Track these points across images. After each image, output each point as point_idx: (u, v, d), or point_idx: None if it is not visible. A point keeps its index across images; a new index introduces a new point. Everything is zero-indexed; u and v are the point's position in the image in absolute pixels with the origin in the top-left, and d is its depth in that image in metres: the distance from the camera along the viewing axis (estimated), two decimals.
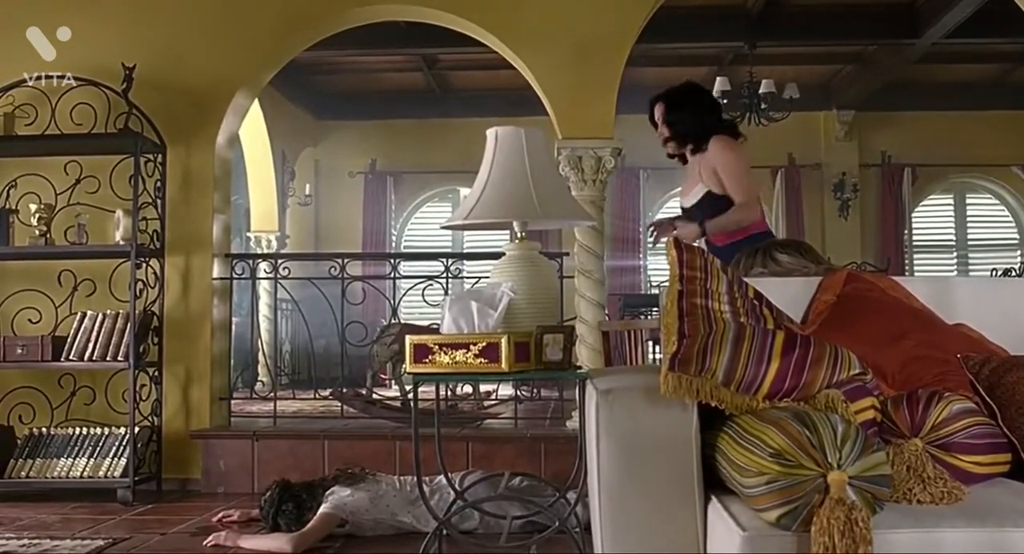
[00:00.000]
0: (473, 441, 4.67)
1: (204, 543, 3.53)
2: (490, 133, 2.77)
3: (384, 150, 11.22)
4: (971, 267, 11.17)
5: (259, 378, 8.28)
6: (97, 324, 4.70)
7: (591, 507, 2.10)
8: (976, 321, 2.42)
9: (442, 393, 3.66)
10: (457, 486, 3.46)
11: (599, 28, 5.21)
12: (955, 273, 11.03)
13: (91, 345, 4.66)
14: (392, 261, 5.42)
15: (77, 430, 4.63)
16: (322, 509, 3.56)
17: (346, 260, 5.15)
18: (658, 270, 10.90)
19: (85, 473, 4.50)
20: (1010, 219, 11.28)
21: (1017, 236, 11.25)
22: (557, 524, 2.64)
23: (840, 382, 1.95)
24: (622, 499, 1.92)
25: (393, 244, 11.34)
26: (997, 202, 11.32)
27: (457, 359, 2.38)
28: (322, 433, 4.80)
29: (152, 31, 5.14)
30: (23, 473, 4.51)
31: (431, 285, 5.10)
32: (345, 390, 5.54)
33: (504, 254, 2.76)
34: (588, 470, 2.11)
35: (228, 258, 5.20)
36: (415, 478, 3.51)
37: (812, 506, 1.60)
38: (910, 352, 2.25)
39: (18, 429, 4.74)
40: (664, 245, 2.26)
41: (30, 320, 4.89)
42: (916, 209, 11.19)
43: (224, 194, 5.25)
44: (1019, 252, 11.15)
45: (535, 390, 5.81)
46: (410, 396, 2.92)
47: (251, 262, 5.37)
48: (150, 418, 4.80)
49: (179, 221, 5.00)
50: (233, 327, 5.40)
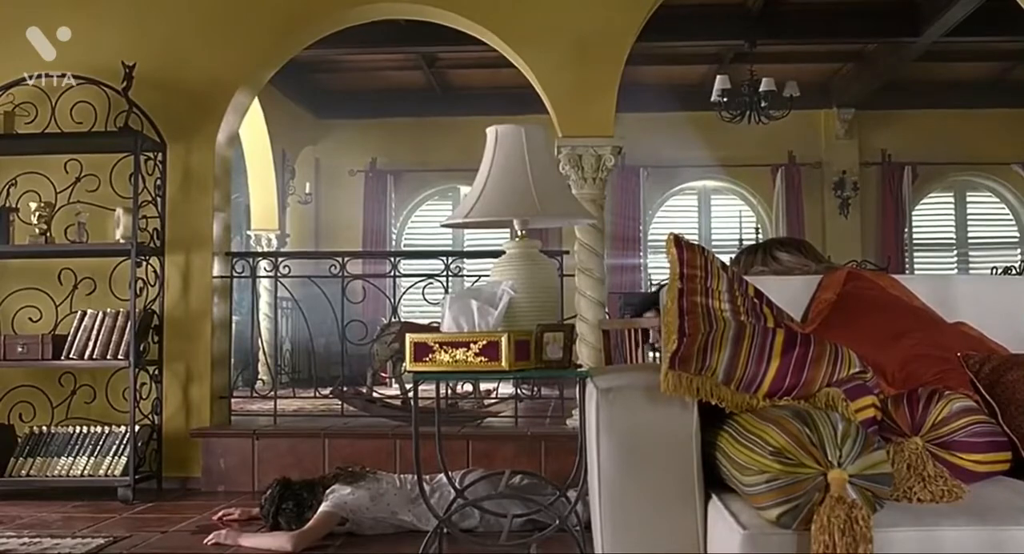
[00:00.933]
0: (474, 439, 4.67)
1: (204, 541, 3.53)
2: (490, 131, 2.76)
3: (384, 148, 11.20)
4: (971, 265, 11.15)
5: (260, 377, 8.28)
6: (97, 323, 4.70)
7: (591, 505, 2.10)
8: (976, 319, 2.41)
9: (442, 392, 3.65)
10: (458, 484, 3.47)
11: (599, 26, 5.21)
12: (955, 271, 11.02)
13: (91, 344, 4.66)
14: (392, 259, 5.42)
15: (77, 429, 4.63)
16: (322, 507, 3.56)
17: (346, 258, 5.15)
18: (658, 269, 10.89)
19: (85, 472, 4.50)
20: (1010, 217, 11.27)
21: (1017, 234, 11.23)
22: (557, 523, 2.63)
23: (840, 380, 1.95)
24: (622, 497, 1.92)
25: (393, 242, 11.32)
26: (997, 200, 11.31)
27: (457, 357, 2.37)
28: (322, 431, 4.80)
29: (152, 30, 5.14)
30: (24, 472, 4.52)
31: (431, 283, 5.11)
32: (346, 389, 5.54)
33: (504, 252, 2.76)
34: (588, 468, 2.11)
35: (228, 256, 5.20)
36: (416, 477, 3.53)
37: (812, 504, 1.60)
38: (910, 351, 2.25)
39: (19, 427, 4.75)
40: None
41: (30, 319, 4.90)
42: (916, 207, 11.17)
43: (224, 192, 5.25)
44: (1019, 250, 11.13)
45: (535, 388, 5.80)
46: (411, 395, 2.90)
47: (251, 260, 5.37)
48: (150, 417, 4.80)
49: (179, 219, 5.00)
50: (233, 326, 5.40)
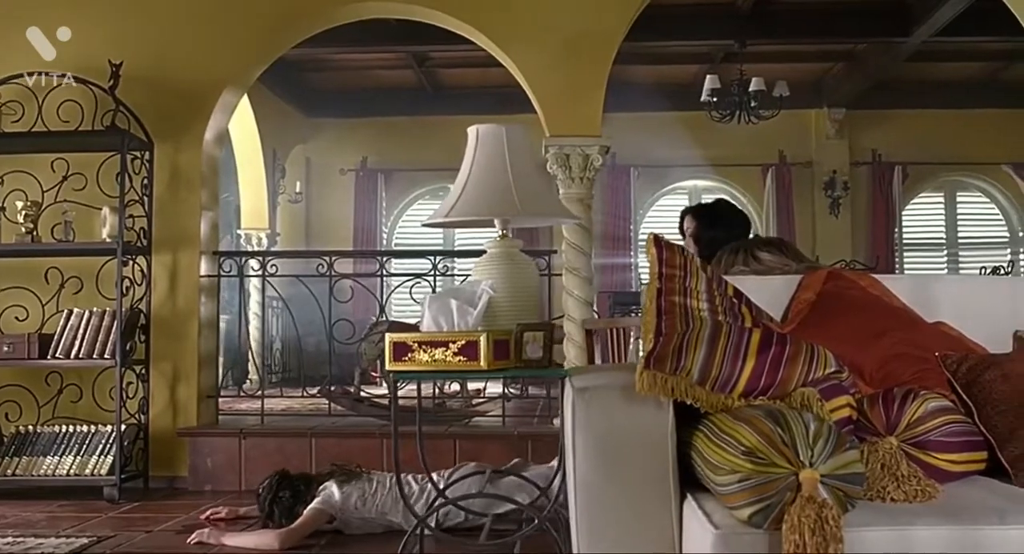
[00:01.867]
0: (461, 438, 4.67)
1: (187, 541, 3.53)
2: (471, 131, 2.76)
3: (375, 147, 11.19)
4: (961, 265, 11.18)
5: (248, 376, 8.26)
6: (84, 322, 4.69)
7: (568, 505, 2.10)
8: (956, 319, 2.43)
9: (430, 391, 3.66)
10: (446, 481, 3.47)
11: (587, 26, 5.21)
12: (945, 271, 11.05)
13: (78, 343, 4.65)
14: (380, 259, 5.42)
15: (64, 428, 4.62)
16: (311, 505, 3.56)
17: (334, 257, 5.15)
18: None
19: (72, 471, 4.49)
20: (1000, 217, 11.30)
21: (1007, 234, 11.27)
22: (536, 523, 2.64)
23: (816, 380, 1.96)
24: (599, 497, 1.92)
25: (384, 241, 11.31)
26: (987, 200, 11.33)
27: (436, 357, 2.38)
28: (310, 431, 4.80)
29: (139, 28, 5.12)
30: (9, 471, 4.50)
31: (419, 283, 5.11)
32: (334, 388, 5.53)
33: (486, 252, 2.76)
34: (565, 468, 2.12)
35: (216, 256, 5.19)
36: (407, 476, 3.54)
37: (784, 504, 1.61)
38: (889, 350, 2.26)
39: (4, 427, 4.74)
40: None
41: (16, 318, 4.88)
42: (906, 207, 11.19)
43: (212, 191, 5.24)
44: (1009, 250, 11.17)
45: (523, 388, 5.81)
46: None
47: (239, 259, 5.36)
48: (137, 416, 4.79)
49: (166, 218, 4.98)
50: (223, 325, 5.38)
